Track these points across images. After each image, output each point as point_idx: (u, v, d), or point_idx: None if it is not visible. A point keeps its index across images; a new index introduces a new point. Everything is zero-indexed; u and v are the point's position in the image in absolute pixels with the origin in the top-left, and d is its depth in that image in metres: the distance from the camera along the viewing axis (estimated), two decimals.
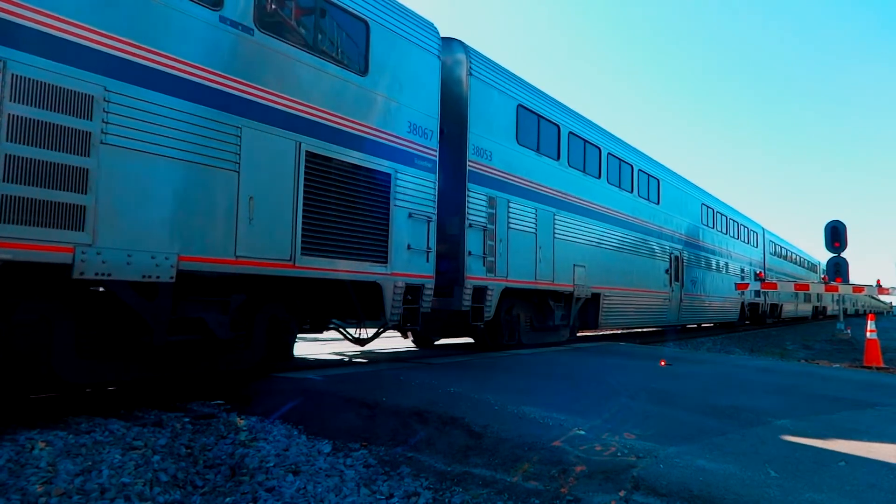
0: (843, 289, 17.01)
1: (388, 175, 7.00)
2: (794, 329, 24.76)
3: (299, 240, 5.95)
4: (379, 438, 4.53)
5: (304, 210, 6.01)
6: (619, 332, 17.07)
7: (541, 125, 10.49)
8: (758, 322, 24.87)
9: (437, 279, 7.93)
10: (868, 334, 11.70)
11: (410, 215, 7.28)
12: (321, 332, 7.63)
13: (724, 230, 20.72)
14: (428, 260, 7.54)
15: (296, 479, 3.85)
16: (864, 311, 50.14)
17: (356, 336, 8.18)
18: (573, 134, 11.43)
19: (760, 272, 22.90)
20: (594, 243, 11.97)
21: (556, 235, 10.61)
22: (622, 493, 3.35)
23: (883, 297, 36.44)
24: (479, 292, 8.56)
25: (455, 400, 5.13)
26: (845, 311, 20.30)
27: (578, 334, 13.18)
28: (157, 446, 4.12)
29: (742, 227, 23.20)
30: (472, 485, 3.73)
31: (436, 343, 11.01)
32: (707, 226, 18.99)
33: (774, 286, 20.09)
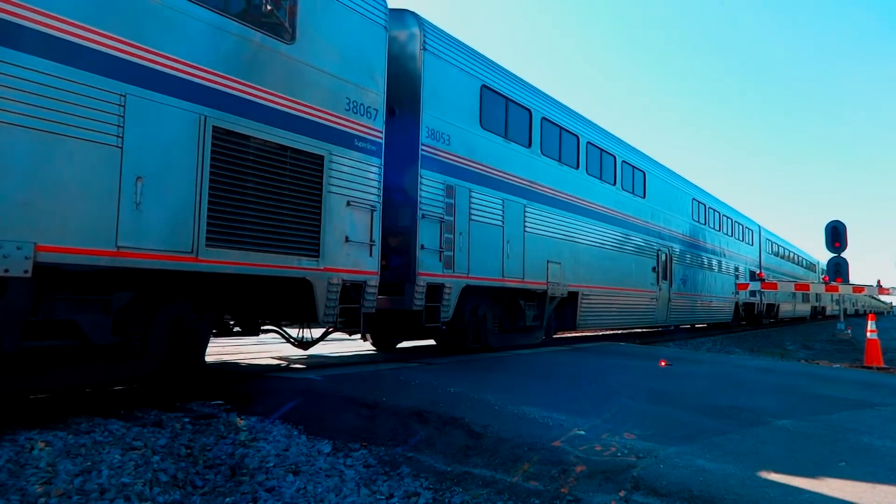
0: (843, 289, 17.00)
1: (321, 157, 6.17)
2: (794, 329, 24.72)
3: (203, 229, 5.10)
4: (379, 438, 4.53)
5: (210, 195, 5.15)
6: (614, 332, 16.66)
7: (509, 109, 9.65)
8: (754, 323, 24.28)
9: (387, 275, 7.35)
10: (868, 334, 11.69)
11: (349, 203, 6.44)
12: (256, 334, 7.11)
13: (717, 227, 19.99)
14: (371, 254, 6.73)
15: (296, 479, 3.85)
16: (865, 311, 50.09)
17: (299, 339, 7.29)
18: (547, 120, 10.59)
19: (760, 273, 22.76)
20: (571, 238, 11.17)
21: (527, 229, 9.80)
22: (622, 493, 3.35)
23: (883, 297, 36.42)
24: (435, 290, 7.79)
25: (455, 400, 5.12)
26: (845, 311, 20.24)
27: (556, 336, 12.44)
28: (156, 446, 4.12)
29: (737, 225, 22.42)
30: (472, 485, 3.73)
31: (398, 346, 10.15)
32: (698, 222, 18.25)
33: (774, 286, 20.07)
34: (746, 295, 22.18)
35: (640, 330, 17.35)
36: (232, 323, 6.95)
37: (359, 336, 9.69)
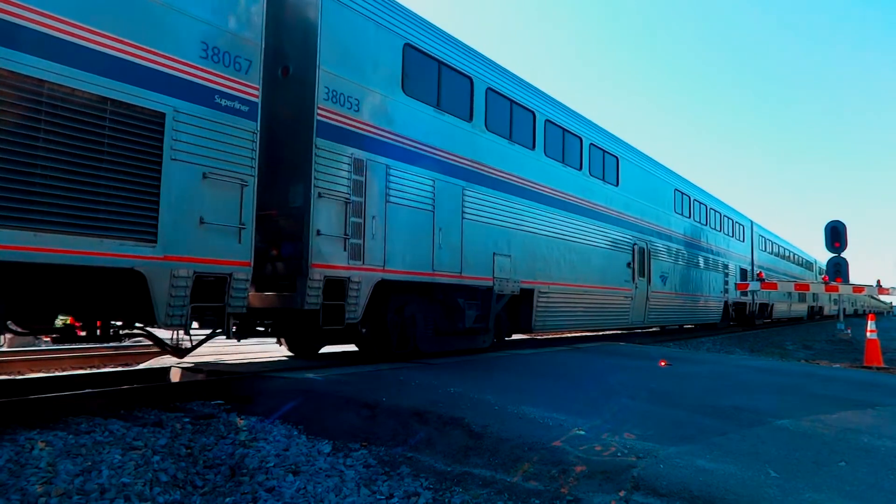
0: (843, 289, 17.01)
1: (160, 115, 4.97)
2: (794, 329, 24.66)
3: None
4: (379, 438, 4.53)
5: None
6: (614, 332, 16.06)
7: (443, 74, 8.31)
8: (746, 323, 23.03)
9: (279, 267, 6.39)
10: (868, 334, 11.69)
11: (207, 176, 5.25)
12: (119, 340, 6.09)
13: (703, 221, 18.57)
14: (241, 240, 5.52)
15: (296, 479, 3.85)
16: (864, 311, 50.03)
17: (174, 344, 6.26)
18: (494, 91, 9.28)
19: (760, 273, 22.54)
20: (525, 228, 9.78)
21: (467, 216, 8.50)
22: (622, 494, 3.35)
23: (883, 297, 36.37)
24: (337, 286, 6.52)
25: (455, 400, 5.13)
26: (844, 311, 20.20)
27: (513, 337, 11.03)
28: (157, 446, 4.12)
29: (725, 219, 20.97)
30: (472, 485, 3.73)
31: (321, 352, 8.87)
32: (681, 215, 16.83)
33: (774, 286, 20.04)
34: (737, 294, 21.11)
35: (640, 330, 17.15)
36: (70, 323, 5.69)
37: (273, 339, 8.54)
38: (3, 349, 9.92)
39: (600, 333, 16.02)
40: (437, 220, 7.98)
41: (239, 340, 7.69)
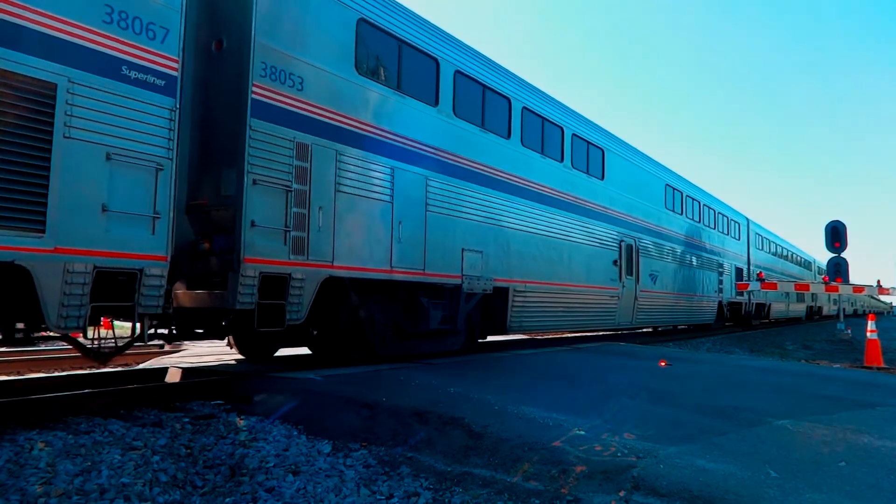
0: (843, 289, 17.01)
1: (51, 87, 4.39)
2: (793, 329, 24.65)
3: None
4: (379, 439, 4.53)
5: None
6: (605, 333, 15.62)
7: (404, 55, 7.64)
8: (742, 324, 22.35)
9: (212, 262, 5.82)
10: (868, 334, 11.70)
11: (111, 157, 4.64)
12: (32, 344, 5.57)
13: (696, 218, 17.80)
14: (154, 231, 4.96)
15: (296, 479, 3.85)
16: (864, 311, 49.97)
17: (95, 348, 5.68)
18: (463, 74, 8.59)
19: (761, 273, 22.44)
20: (499, 223, 9.11)
21: (431, 208, 7.83)
22: (622, 493, 3.35)
23: (883, 297, 36.34)
24: (276, 283, 5.97)
25: (455, 400, 5.12)
26: (844, 311, 20.17)
27: (488, 339, 10.25)
28: (156, 446, 4.12)
29: (720, 216, 20.17)
30: (472, 485, 3.73)
31: (276, 355, 8.23)
32: (673, 211, 16.07)
33: (774, 286, 20.02)
34: (732, 294, 20.56)
35: (639, 330, 16.99)
36: None
37: (222, 341, 7.90)
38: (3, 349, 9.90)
39: (600, 333, 15.93)
40: (397, 211, 7.31)
41: (169, 343, 6.87)
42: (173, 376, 6.82)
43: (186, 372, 6.80)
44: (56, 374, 7.67)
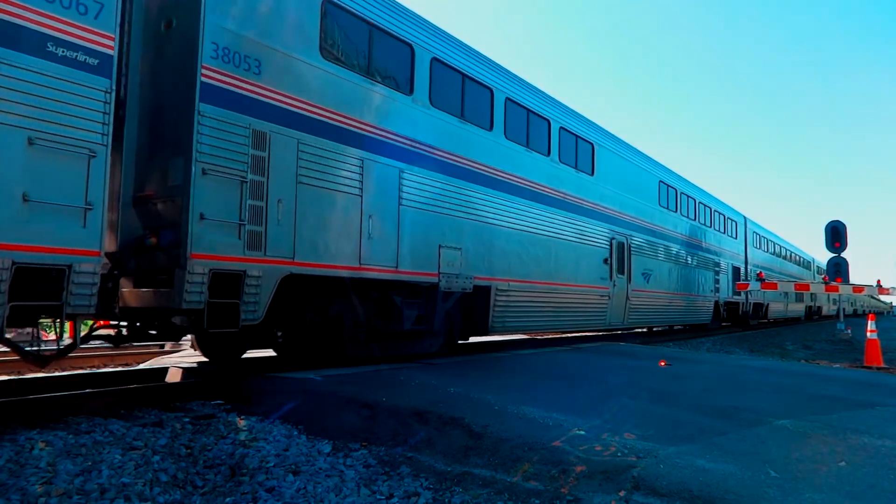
0: (843, 289, 17.02)
1: None
2: (793, 329, 24.64)
3: None
4: (379, 438, 4.53)
5: None
6: (605, 333, 15.29)
7: (375, 39, 7.20)
8: (739, 324, 22.03)
9: (159, 258, 5.43)
10: (868, 334, 11.71)
11: (33, 142, 4.27)
12: None
13: (691, 216, 17.35)
14: (86, 224, 4.57)
15: (296, 479, 3.85)
16: (864, 311, 49.94)
17: (35, 351, 5.23)
18: (441, 62, 8.18)
19: (761, 272, 22.34)
20: (480, 218, 8.71)
21: (405, 202, 7.44)
22: (622, 493, 3.35)
23: (883, 297, 36.30)
24: (230, 281, 5.57)
25: (455, 400, 5.13)
26: (843, 311, 20.14)
27: (470, 340, 9.88)
28: (157, 446, 4.12)
29: (717, 214, 19.73)
30: (472, 485, 3.73)
31: (244, 357, 7.90)
32: (667, 208, 15.63)
33: (774, 286, 20.01)
34: (729, 293, 20.21)
35: (638, 330, 16.95)
36: None
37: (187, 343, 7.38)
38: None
39: (601, 333, 15.90)
40: (367, 205, 6.90)
41: (116, 346, 6.47)
42: (174, 376, 6.83)
43: (187, 372, 6.81)
44: (56, 374, 7.67)
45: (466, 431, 4.38)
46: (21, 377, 6.79)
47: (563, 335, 15.59)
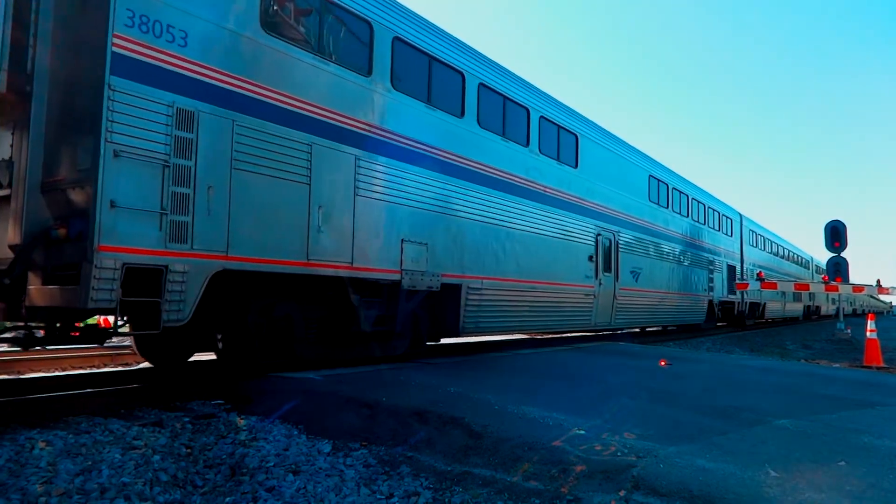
0: (842, 289, 17.02)
1: None
2: (793, 329, 24.63)
3: None
4: (379, 438, 4.53)
5: None
6: (604, 333, 15.05)
7: (326, 14, 6.67)
8: (734, 324, 21.65)
9: (66, 251, 4.89)
10: (868, 334, 11.71)
11: None
12: None
13: (683, 212, 16.81)
14: None
15: (296, 478, 3.85)
16: (863, 310, 49.89)
17: None
18: (403, 42, 7.57)
19: (761, 272, 22.28)
20: (449, 211, 8.15)
21: (362, 192, 6.85)
22: (622, 493, 3.35)
23: (882, 297, 36.24)
24: (149, 277, 5.01)
25: (455, 400, 5.13)
26: (843, 310, 20.14)
27: (441, 342, 9.37)
28: (157, 446, 4.12)
29: (710, 211, 19.16)
30: (472, 484, 3.73)
31: (191, 360, 7.54)
32: (658, 204, 15.05)
33: (774, 286, 20.00)
34: (723, 292, 19.80)
35: (636, 330, 16.81)
36: None
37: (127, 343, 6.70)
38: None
39: (601, 333, 15.88)
40: (316, 195, 6.31)
41: (26, 349, 5.92)
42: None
43: (187, 371, 6.82)
44: (56, 373, 7.67)
45: (466, 431, 4.38)
46: (21, 377, 6.79)
47: (563, 335, 15.58)
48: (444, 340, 9.50)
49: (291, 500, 3.60)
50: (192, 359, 7.60)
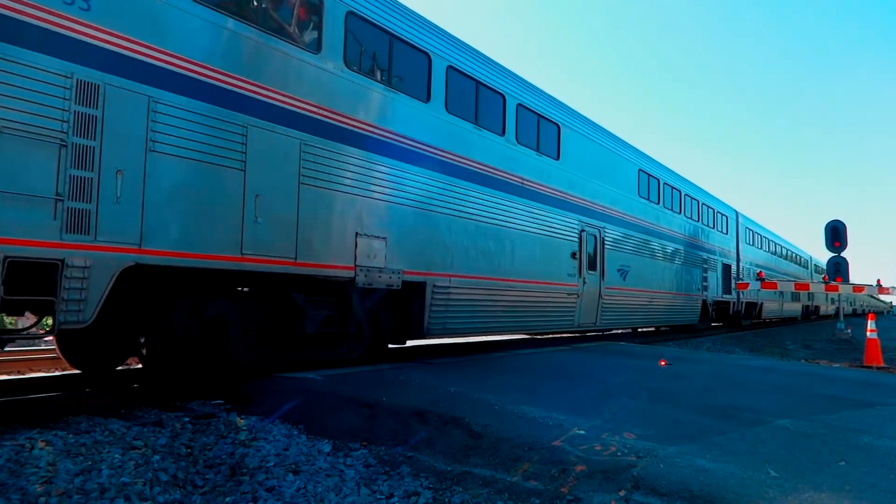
0: (843, 288, 17.02)
1: None
2: (794, 329, 24.62)
3: None
4: (379, 438, 4.53)
5: None
6: (605, 333, 14.94)
7: None
8: (731, 324, 21.27)
9: None
10: (868, 334, 11.72)
11: None
12: None
13: (675, 208, 16.19)
14: None
15: (296, 478, 3.85)
16: (863, 310, 49.86)
17: None
18: (360, 18, 6.96)
19: (761, 272, 22.22)
20: (411, 203, 7.56)
21: (307, 180, 6.26)
22: (622, 493, 3.35)
23: (883, 297, 36.22)
24: (42, 272, 4.49)
25: (455, 400, 5.13)
26: (843, 310, 20.15)
27: (407, 344, 8.79)
28: (157, 446, 4.12)
29: (705, 208, 18.55)
30: (472, 484, 3.73)
31: (119, 368, 6.97)
32: (647, 199, 14.45)
33: (775, 286, 19.99)
34: (718, 292, 19.31)
35: (629, 330, 16.55)
36: None
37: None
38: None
39: (601, 333, 15.87)
40: (252, 182, 5.73)
41: None
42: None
43: (187, 371, 6.81)
44: (56, 373, 7.67)
45: (466, 431, 4.38)
46: (21, 377, 6.78)
47: (562, 335, 15.56)
48: (445, 341, 9.59)
49: (291, 499, 3.60)
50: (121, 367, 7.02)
